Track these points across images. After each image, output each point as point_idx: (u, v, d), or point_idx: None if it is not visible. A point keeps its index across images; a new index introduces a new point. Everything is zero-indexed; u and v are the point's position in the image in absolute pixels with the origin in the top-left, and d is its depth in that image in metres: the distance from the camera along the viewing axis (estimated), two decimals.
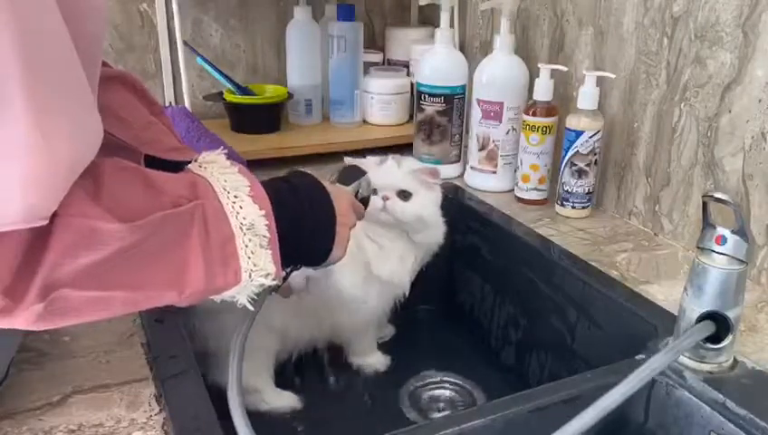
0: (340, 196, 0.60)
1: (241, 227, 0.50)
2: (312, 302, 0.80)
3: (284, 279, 0.56)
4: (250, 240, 0.50)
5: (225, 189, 0.51)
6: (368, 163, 0.80)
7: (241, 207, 0.51)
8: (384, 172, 0.79)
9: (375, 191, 0.76)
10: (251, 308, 0.53)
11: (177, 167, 0.60)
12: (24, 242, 0.40)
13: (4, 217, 0.37)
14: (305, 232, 0.56)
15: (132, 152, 0.63)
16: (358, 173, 0.64)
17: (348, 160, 0.81)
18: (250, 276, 0.50)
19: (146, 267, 0.46)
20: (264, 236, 0.51)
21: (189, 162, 0.57)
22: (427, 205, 0.81)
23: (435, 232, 0.83)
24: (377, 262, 0.81)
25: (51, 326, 0.44)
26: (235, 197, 0.51)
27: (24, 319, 0.42)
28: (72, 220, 0.41)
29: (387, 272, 0.81)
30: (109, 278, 0.44)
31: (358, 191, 0.65)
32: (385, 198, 0.78)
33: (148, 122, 0.65)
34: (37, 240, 0.40)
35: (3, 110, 0.36)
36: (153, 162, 0.61)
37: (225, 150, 0.56)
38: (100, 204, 0.43)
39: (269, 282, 0.51)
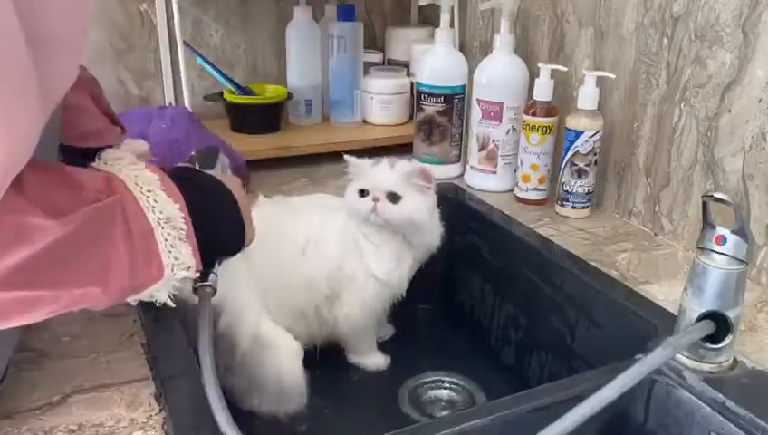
0: (228, 180, 0.60)
1: (159, 221, 0.50)
2: (310, 301, 0.80)
3: (203, 279, 0.56)
4: (169, 234, 0.50)
5: (137, 184, 0.51)
6: (364, 162, 0.80)
7: (156, 202, 0.50)
8: (376, 173, 0.79)
9: (231, 168, 0.71)
10: (171, 305, 0.52)
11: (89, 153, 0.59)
12: None
13: None
14: (216, 221, 0.55)
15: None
16: (213, 155, 0.63)
17: (347, 158, 0.81)
18: (172, 270, 0.50)
19: (71, 264, 0.45)
20: (182, 229, 0.51)
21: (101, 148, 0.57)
22: (417, 208, 0.79)
23: (430, 235, 0.83)
24: (373, 262, 0.81)
25: None
26: (149, 191, 0.51)
27: None
28: (3, 217, 0.40)
29: (383, 272, 0.81)
30: (35, 277, 0.43)
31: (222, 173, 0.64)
32: (375, 200, 0.78)
33: (63, 107, 0.62)
34: None
35: None
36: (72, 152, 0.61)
37: (144, 162, 0.55)
38: (28, 200, 0.43)
39: (191, 275, 0.52)
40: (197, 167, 0.63)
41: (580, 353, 0.78)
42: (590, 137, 0.90)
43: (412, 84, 1.22)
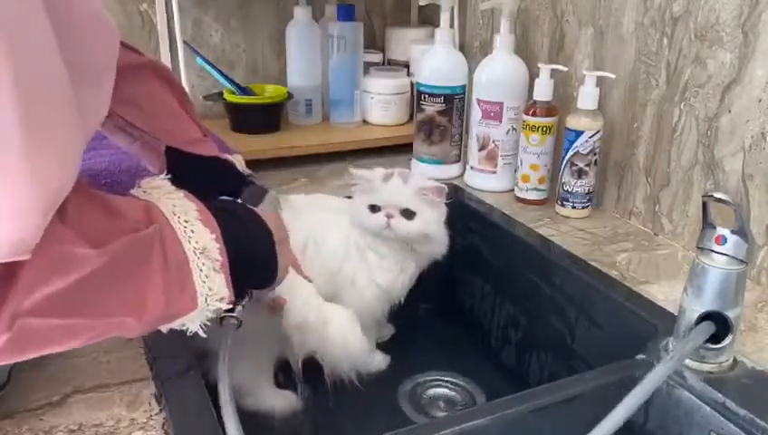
0: (267, 215, 0.60)
1: (194, 251, 0.50)
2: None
3: (230, 310, 0.56)
4: (204, 264, 0.50)
5: (174, 214, 0.51)
6: (373, 176, 0.80)
7: (192, 232, 0.50)
8: (389, 190, 0.78)
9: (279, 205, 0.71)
10: (203, 335, 0.52)
11: (196, 159, 0.61)
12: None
13: None
14: (250, 253, 0.55)
15: (152, 142, 0.63)
16: (261, 193, 0.63)
17: (354, 172, 0.81)
18: (206, 301, 0.50)
19: (108, 294, 0.45)
20: (217, 260, 0.51)
21: (209, 157, 0.59)
22: (431, 223, 0.79)
23: (437, 245, 0.83)
24: (376, 269, 0.81)
25: (10, 360, 0.42)
26: (186, 221, 0.51)
27: None
28: (45, 245, 0.40)
29: (385, 280, 0.82)
30: (73, 306, 0.43)
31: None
32: (389, 216, 0.78)
33: (172, 113, 0.65)
34: (9, 265, 0.39)
35: None
36: (174, 154, 0.62)
37: (168, 176, 0.55)
38: (70, 228, 0.42)
39: (224, 306, 0.51)
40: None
41: (580, 353, 0.78)
42: (590, 137, 0.90)
43: (412, 84, 1.22)
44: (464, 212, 0.99)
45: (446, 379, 0.90)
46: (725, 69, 0.77)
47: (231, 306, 0.52)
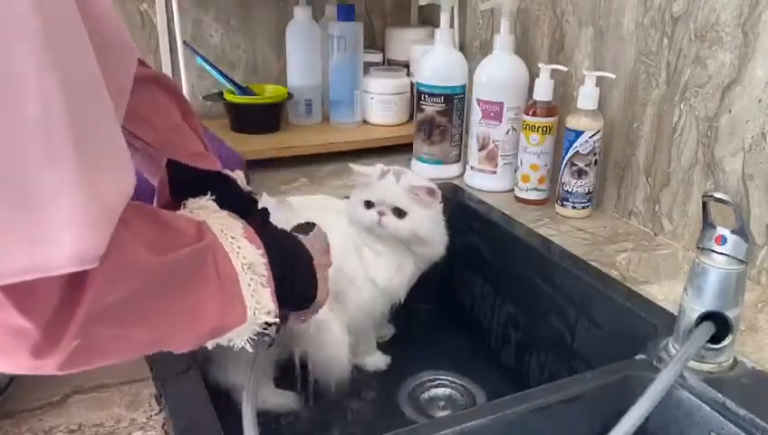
0: (312, 242, 0.62)
1: (243, 266, 0.52)
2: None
3: (264, 334, 0.56)
4: (252, 279, 0.52)
5: (222, 231, 0.52)
6: (371, 172, 0.80)
7: (240, 248, 0.52)
8: (382, 187, 0.79)
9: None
10: (250, 350, 0.53)
11: (197, 173, 0.63)
12: (65, 275, 0.38)
13: (50, 262, 0.36)
14: (290, 273, 0.57)
15: (154, 155, 0.64)
16: (309, 227, 0.64)
17: (353, 167, 0.81)
18: (254, 314, 0.52)
19: (169, 303, 0.47)
20: (263, 275, 0.53)
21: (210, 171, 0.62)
22: (422, 223, 0.79)
23: (434, 246, 0.83)
24: (373, 268, 0.81)
25: (75, 369, 0.43)
26: (233, 238, 0.53)
27: (55, 360, 0.40)
28: (112, 252, 0.40)
29: (383, 279, 0.82)
30: (137, 314, 0.44)
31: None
32: (381, 214, 0.78)
33: (175, 126, 0.66)
34: (78, 273, 0.39)
35: (51, 153, 0.35)
36: (175, 168, 0.63)
37: (213, 197, 0.58)
38: (134, 236, 0.44)
39: (270, 320, 0.53)
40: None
41: (580, 353, 0.78)
42: (590, 137, 0.90)
43: (412, 84, 1.22)
44: (464, 212, 0.99)
45: (446, 379, 0.90)
46: (725, 69, 0.77)
47: (278, 320, 0.54)
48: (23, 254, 0.35)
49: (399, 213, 0.78)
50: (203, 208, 0.56)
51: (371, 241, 0.81)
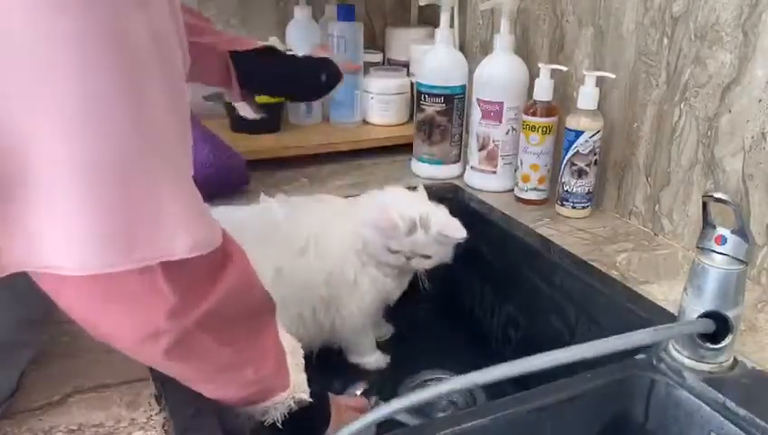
0: (341, 403, 0.67)
1: (288, 347, 0.57)
2: (308, 302, 0.80)
3: None
4: (293, 360, 0.57)
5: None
6: (398, 225, 0.77)
7: (283, 333, 0.58)
8: (410, 241, 0.78)
9: None
10: (279, 426, 0.57)
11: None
12: (209, 265, 0.46)
13: (173, 251, 0.43)
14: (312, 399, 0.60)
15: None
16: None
17: (378, 223, 0.77)
18: (294, 389, 0.56)
19: (249, 336, 0.52)
20: (301, 361, 0.59)
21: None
22: (446, 257, 0.82)
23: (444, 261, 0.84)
24: (379, 280, 0.82)
25: (174, 359, 0.48)
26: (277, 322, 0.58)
27: (173, 335, 0.46)
28: (243, 262, 0.50)
29: (385, 288, 0.83)
30: (227, 332, 0.50)
31: None
32: (409, 258, 0.79)
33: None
34: (214, 271, 0.47)
35: (167, 166, 0.43)
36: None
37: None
38: (244, 257, 0.51)
39: (306, 398, 0.57)
40: None
41: None
42: (590, 137, 0.90)
43: (412, 84, 1.22)
44: (464, 212, 0.98)
45: (445, 378, 0.90)
46: (725, 69, 0.77)
47: (311, 400, 0.58)
48: (147, 246, 0.42)
49: (426, 256, 0.80)
50: None
51: (382, 264, 0.81)
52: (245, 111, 0.93)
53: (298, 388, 0.57)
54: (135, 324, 0.45)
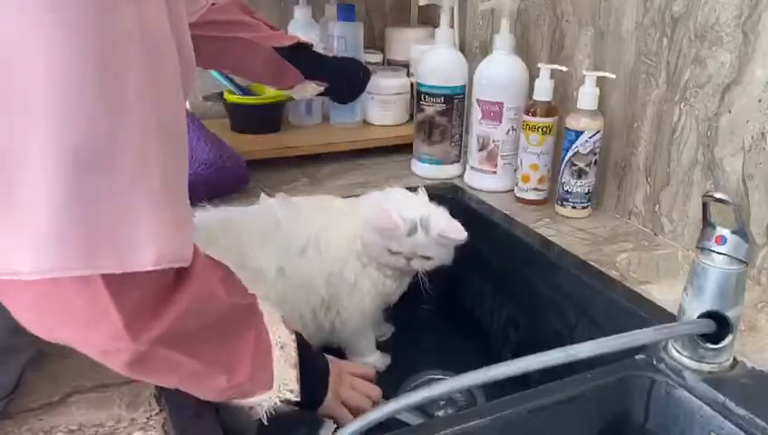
0: (344, 369, 0.68)
1: (277, 343, 0.56)
2: (308, 303, 0.80)
3: None
4: (281, 356, 0.56)
5: (263, 306, 0.58)
6: (398, 226, 0.76)
7: (277, 327, 0.57)
8: (410, 242, 0.77)
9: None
10: (264, 422, 0.57)
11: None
12: (161, 283, 0.44)
13: (137, 260, 0.41)
14: (308, 375, 0.60)
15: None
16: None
17: (377, 223, 0.77)
18: (279, 388, 0.56)
19: (219, 344, 0.51)
20: (292, 357, 0.57)
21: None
22: (447, 259, 0.81)
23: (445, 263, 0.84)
24: (378, 279, 0.82)
25: (134, 375, 0.47)
26: (271, 314, 0.58)
27: (126, 355, 0.44)
28: (200, 276, 0.47)
29: (386, 290, 0.83)
30: (195, 345, 0.48)
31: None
32: (409, 259, 0.79)
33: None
34: (169, 287, 0.45)
35: (143, 163, 0.40)
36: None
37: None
38: (214, 272, 0.50)
39: (292, 398, 0.57)
40: None
41: None
42: (590, 137, 0.90)
43: (412, 84, 1.22)
44: (464, 212, 0.99)
45: (445, 379, 0.90)
46: (725, 69, 0.77)
47: (298, 400, 0.58)
48: (110, 253, 0.39)
49: (427, 258, 0.79)
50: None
51: (382, 266, 0.81)
52: (306, 91, 1.01)
53: (284, 386, 0.56)
54: (87, 341, 0.44)
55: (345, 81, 1.05)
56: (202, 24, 0.82)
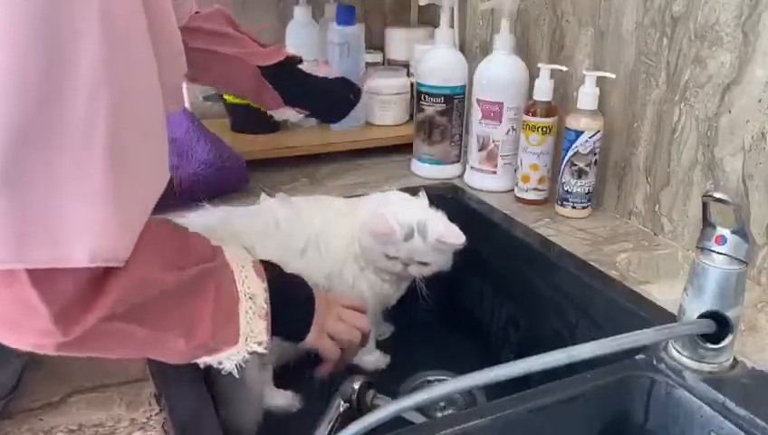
0: (332, 301, 0.67)
1: (245, 295, 0.55)
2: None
3: None
4: (250, 307, 0.55)
5: (234, 258, 0.56)
6: (395, 231, 0.76)
7: (246, 277, 0.56)
8: (407, 247, 0.77)
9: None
10: (236, 375, 0.56)
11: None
12: (93, 276, 0.43)
13: (70, 256, 0.39)
14: (288, 309, 0.60)
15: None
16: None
17: (374, 229, 0.77)
18: (246, 340, 0.54)
19: (169, 311, 0.50)
20: (262, 307, 0.56)
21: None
22: (446, 264, 0.81)
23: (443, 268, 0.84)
24: (377, 282, 0.82)
25: (71, 354, 0.45)
26: (242, 266, 0.56)
27: (57, 346, 0.43)
28: (135, 269, 0.45)
29: (384, 292, 0.83)
30: (137, 315, 0.47)
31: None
32: (406, 264, 0.79)
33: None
34: (100, 279, 0.43)
35: (83, 162, 0.39)
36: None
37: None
38: (153, 252, 0.47)
39: (260, 350, 0.55)
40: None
41: None
42: (590, 137, 0.90)
43: (412, 84, 1.22)
44: (464, 212, 0.99)
45: (445, 379, 0.90)
46: (725, 69, 0.77)
47: (266, 351, 0.56)
48: (42, 246, 0.38)
49: (425, 264, 0.79)
50: (219, 240, 0.59)
51: (380, 269, 0.81)
52: (285, 115, 0.96)
53: (251, 338, 0.54)
54: (16, 339, 0.43)
55: (329, 105, 1.00)
56: (186, 31, 0.80)
